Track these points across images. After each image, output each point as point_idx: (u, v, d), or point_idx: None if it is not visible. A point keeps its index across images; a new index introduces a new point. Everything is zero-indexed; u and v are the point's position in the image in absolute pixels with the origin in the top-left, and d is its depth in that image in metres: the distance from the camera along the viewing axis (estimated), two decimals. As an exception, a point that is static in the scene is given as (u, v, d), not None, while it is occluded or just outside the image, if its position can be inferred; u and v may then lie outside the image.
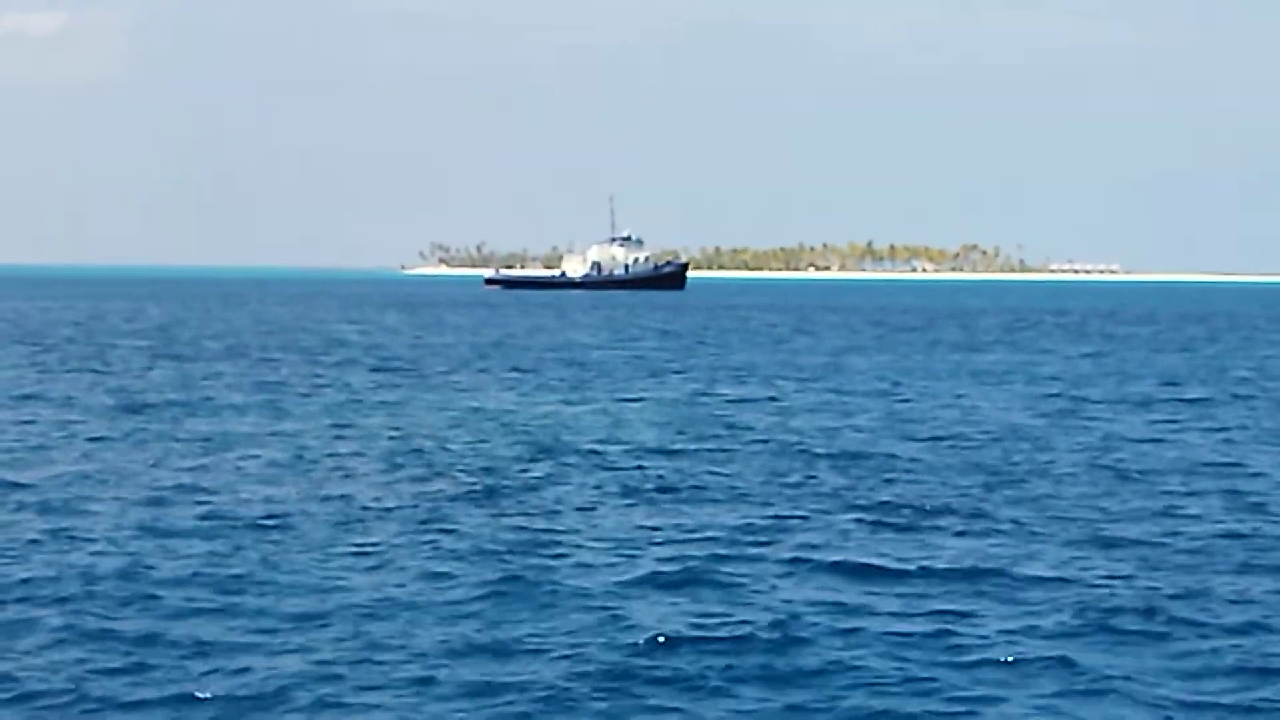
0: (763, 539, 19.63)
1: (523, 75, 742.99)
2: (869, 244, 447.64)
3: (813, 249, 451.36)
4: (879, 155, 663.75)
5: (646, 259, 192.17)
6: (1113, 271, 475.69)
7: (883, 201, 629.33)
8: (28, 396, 37.70)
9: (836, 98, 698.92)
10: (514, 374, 47.43)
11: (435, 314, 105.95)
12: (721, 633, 14.92)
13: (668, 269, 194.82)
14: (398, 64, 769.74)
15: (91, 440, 28.96)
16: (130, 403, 36.25)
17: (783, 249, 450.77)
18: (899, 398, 40.75)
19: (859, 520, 20.99)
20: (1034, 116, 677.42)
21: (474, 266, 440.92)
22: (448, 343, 66.63)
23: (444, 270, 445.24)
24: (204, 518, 20.60)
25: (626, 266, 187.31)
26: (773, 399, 39.78)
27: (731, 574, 17.48)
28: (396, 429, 31.28)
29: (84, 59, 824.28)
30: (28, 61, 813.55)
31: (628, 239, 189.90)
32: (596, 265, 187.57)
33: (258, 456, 26.84)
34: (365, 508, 21.58)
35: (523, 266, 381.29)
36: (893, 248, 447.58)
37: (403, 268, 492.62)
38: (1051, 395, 42.07)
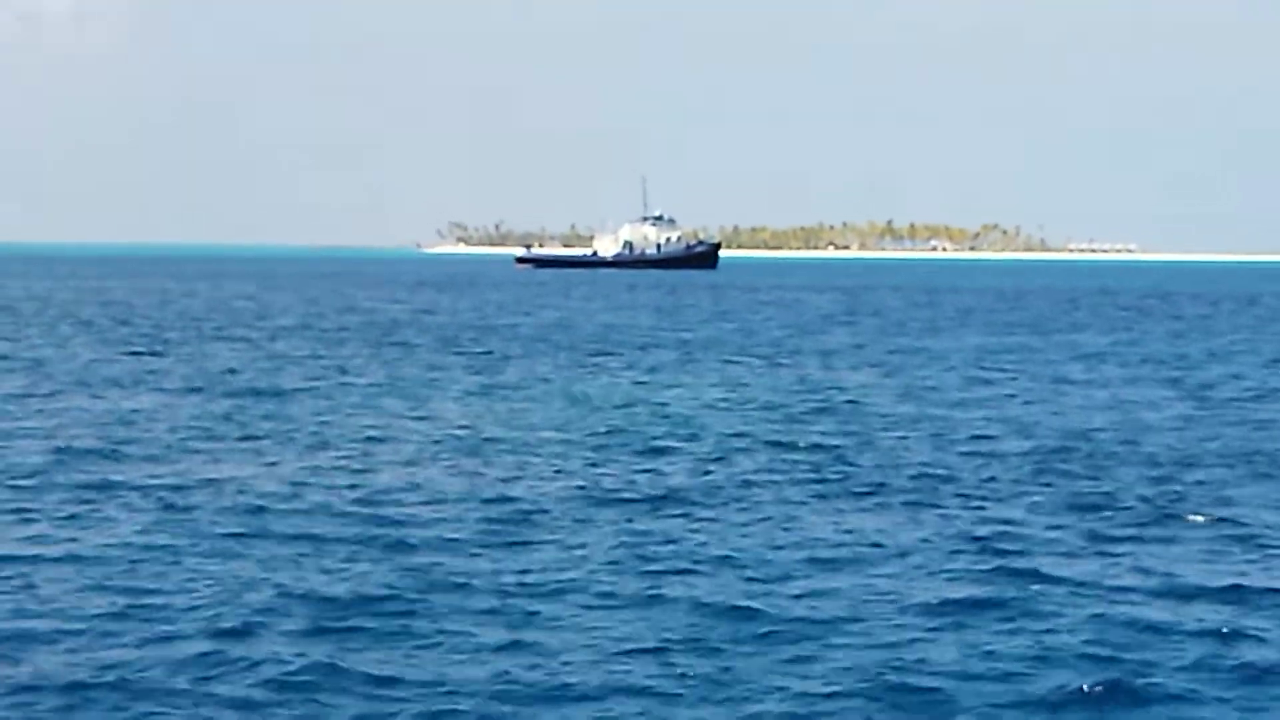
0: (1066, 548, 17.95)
1: (540, 51, 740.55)
2: (889, 223, 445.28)
3: (832, 228, 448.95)
4: (899, 134, 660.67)
5: (678, 238, 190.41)
6: (1130, 251, 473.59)
7: (902, 180, 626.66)
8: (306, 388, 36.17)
9: (856, 74, 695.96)
10: (628, 355, 45.98)
11: (494, 294, 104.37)
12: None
13: (700, 248, 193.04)
14: (414, 36, 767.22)
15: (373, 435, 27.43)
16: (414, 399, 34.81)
17: (802, 228, 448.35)
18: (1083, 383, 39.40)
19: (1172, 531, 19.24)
20: (1053, 96, 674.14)
21: (492, 245, 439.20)
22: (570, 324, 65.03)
23: (462, 249, 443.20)
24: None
25: (658, 246, 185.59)
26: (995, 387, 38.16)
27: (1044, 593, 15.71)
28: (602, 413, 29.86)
29: (95, 33, 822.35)
30: (43, 38, 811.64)
31: (659, 218, 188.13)
32: (628, 244, 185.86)
33: (497, 444, 25.32)
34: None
35: (541, 245, 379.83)
36: (912, 226, 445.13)
37: (419, 246, 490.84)
38: (1178, 379, 40.49)
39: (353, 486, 21.45)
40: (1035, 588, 15.80)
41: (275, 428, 27.76)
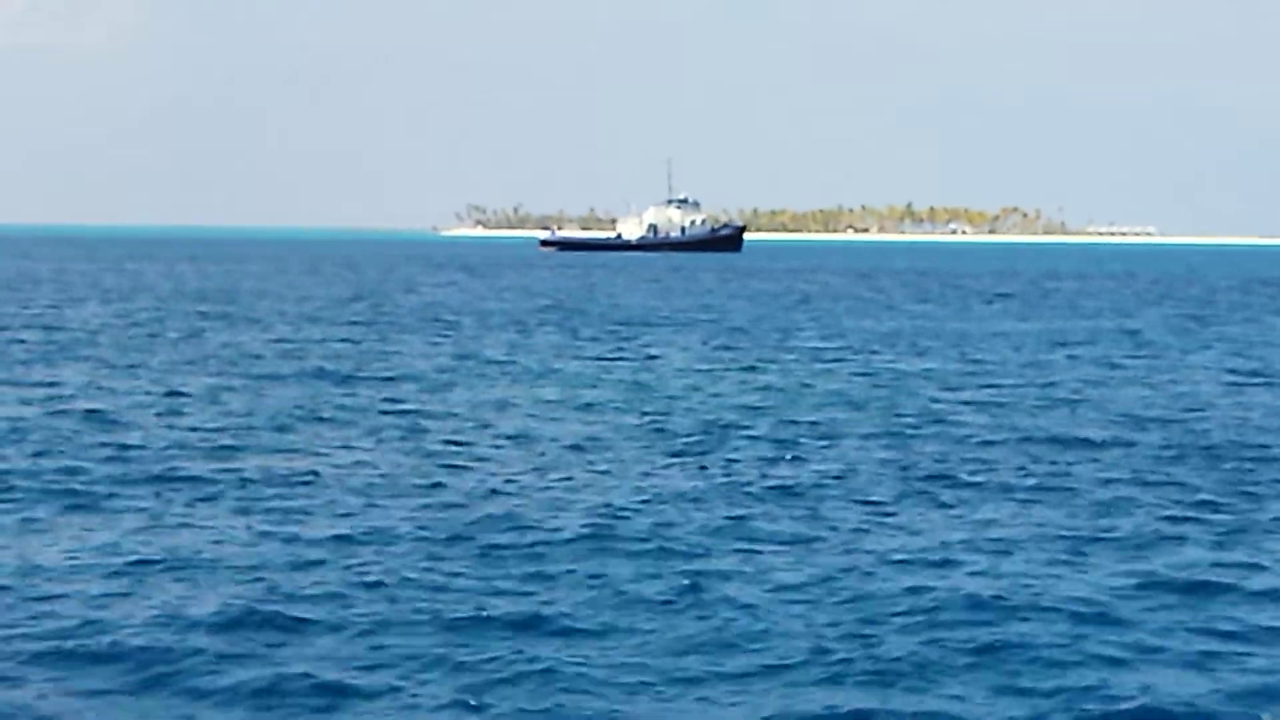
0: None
1: (560, 36, 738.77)
2: (908, 205, 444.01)
3: (851, 210, 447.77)
4: (917, 116, 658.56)
5: (703, 221, 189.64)
6: (1149, 234, 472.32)
7: (921, 163, 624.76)
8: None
9: (874, 58, 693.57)
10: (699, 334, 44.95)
11: (530, 276, 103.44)
12: None
13: (724, 231, 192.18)
14: (433, 15, 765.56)
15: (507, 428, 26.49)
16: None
17: (821, 210, 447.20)
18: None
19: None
20: (1070, 79, 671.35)
21: (511, 228, 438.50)
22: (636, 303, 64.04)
23: (480, 232, 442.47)
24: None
25: (683, 229, 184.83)
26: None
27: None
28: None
29: (107, 16, 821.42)
30: (45, 30, 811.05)
31: (684, 201, 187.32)
32: (653, 227, 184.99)
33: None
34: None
35: (560, 228, 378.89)
36: (932, 209, 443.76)
37: (435, 228, 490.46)
38: None
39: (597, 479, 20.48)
40: None
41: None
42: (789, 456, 23.16)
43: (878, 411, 28.92)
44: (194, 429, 25.16)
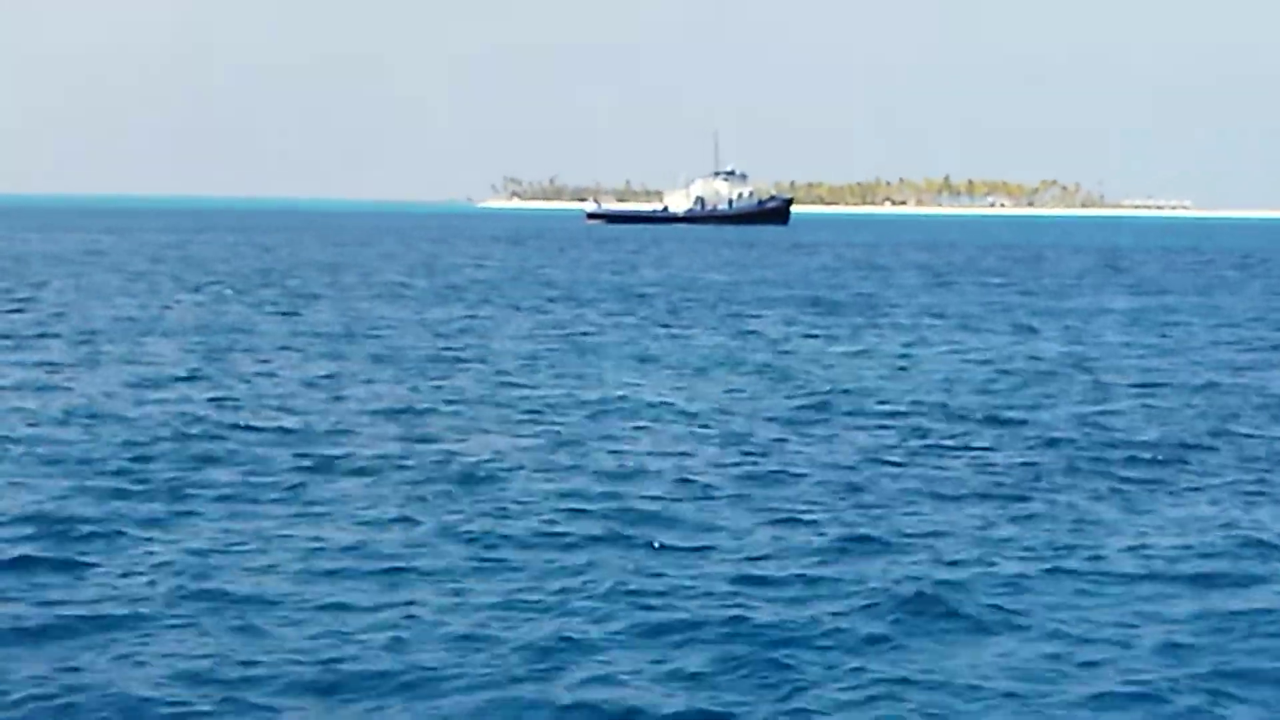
0: None
1: (593, 7, 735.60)
2: (946, 179, 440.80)
3: (889, 184, 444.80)
4: (955, 89, 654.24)
5: (750, 194, 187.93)
6: (1185, 208, 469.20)
7: (959, 136, 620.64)
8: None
9: (913, 30, 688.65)
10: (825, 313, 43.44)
11: (589, 251, 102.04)
12: None
13: (772, 204, 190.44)
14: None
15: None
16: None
17: (859, 184, 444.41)
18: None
19: None
20: (1109, 49, 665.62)
21: (546, 199, 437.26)
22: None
23: (516, 204, 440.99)
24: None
25: (730, 201, 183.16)
26: None
27: None
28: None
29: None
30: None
31: (731, 173, 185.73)
32: (700, 200, 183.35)
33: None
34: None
35: (597, 200, 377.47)
36: (970, 182, 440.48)
37: (470, 200, 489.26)
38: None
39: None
40: None
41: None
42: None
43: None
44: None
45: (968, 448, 21.39)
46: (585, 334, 38.11)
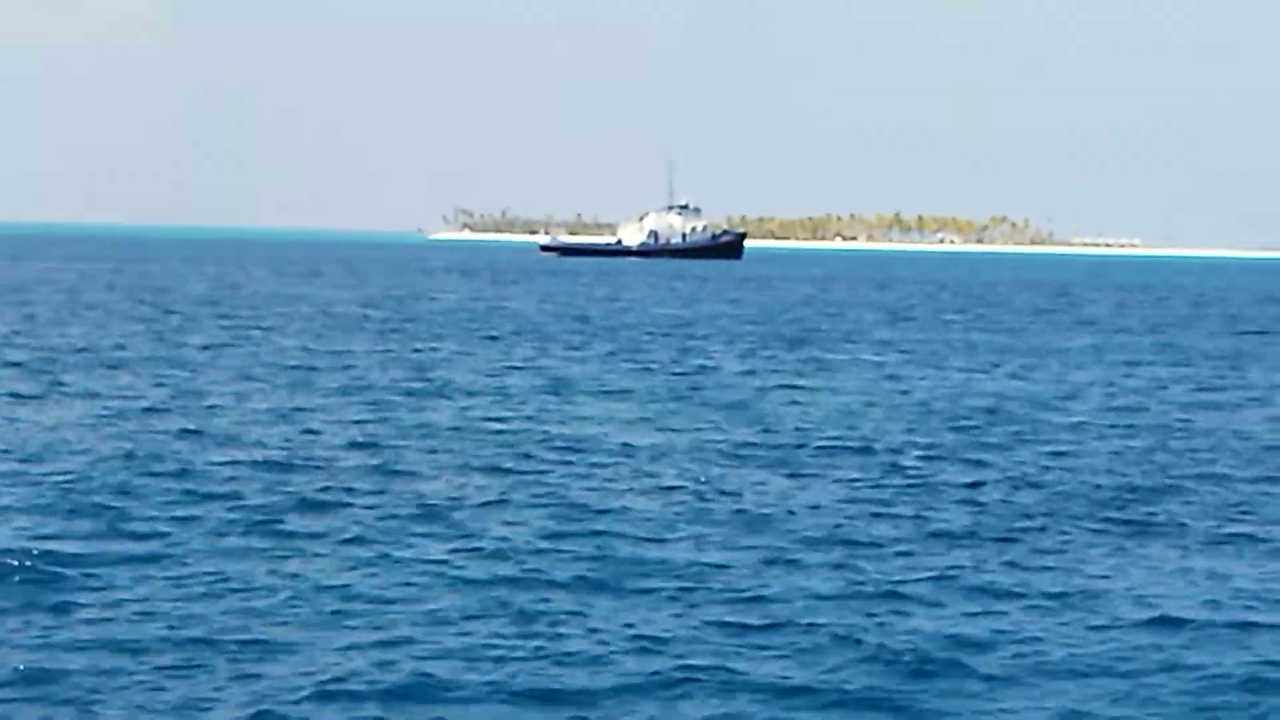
0: None
1: (545, 39, 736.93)
2: (896, 214, 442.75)
3: (839, 219, 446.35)
4: (905, 124, 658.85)
5: (704, 228, 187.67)
6: (1134, 245, 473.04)
7: (909, 171, 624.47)
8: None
9: (862, 64, 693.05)
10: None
11: (563, 283, 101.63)
12: None
13: (725, 238, 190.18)
14: (418, 20, 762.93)
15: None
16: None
17: (810, 218, 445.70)
18: None
19: None
20: (1057, 87, 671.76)
21: (498, 232, 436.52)
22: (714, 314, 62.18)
23: (468, 235, 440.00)
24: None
25: (684, 235, 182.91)
26: None
27: None
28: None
29: (103, 14, 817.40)
30: (50, 21, 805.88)
31: (685, 207, 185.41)
32: (654, 233, 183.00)
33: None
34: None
35: (547, 232, 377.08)
36: (920, 218, 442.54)
37: (420, 231, 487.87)
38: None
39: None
40: None
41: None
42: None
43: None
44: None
45: (947, 485, 21.21)
46: (546, 368, 37.77)
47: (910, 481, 21.62)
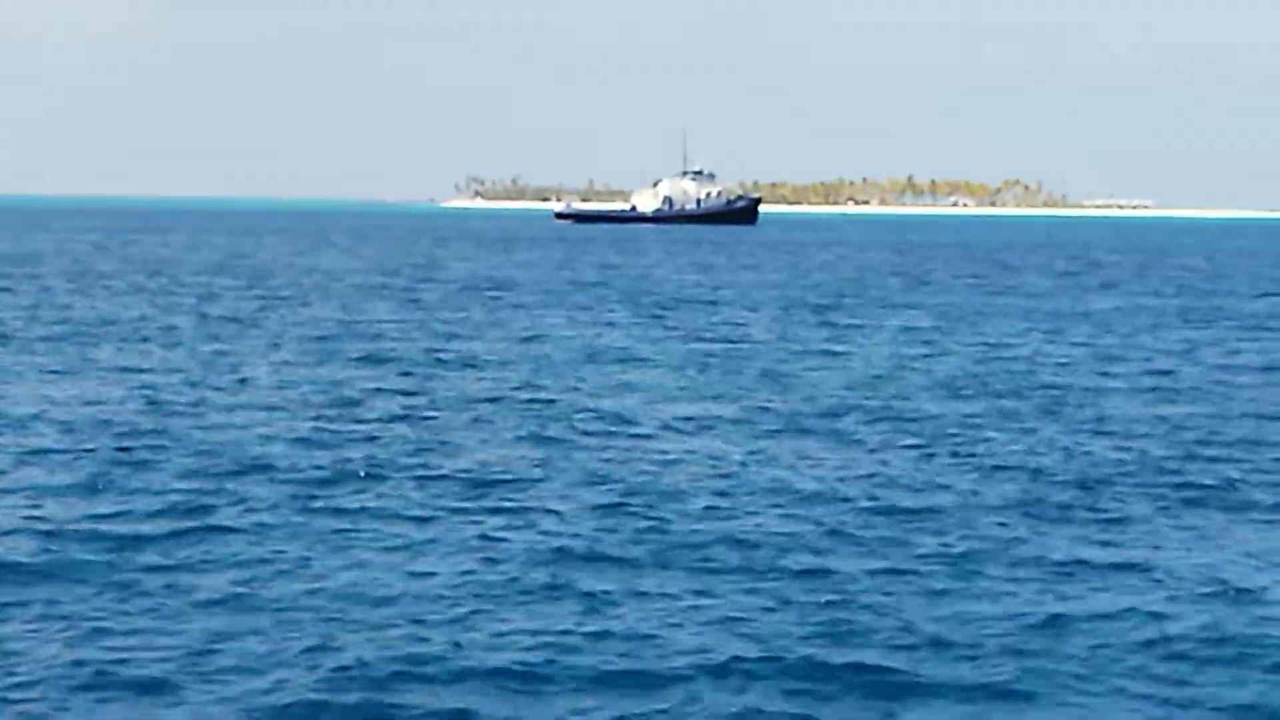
0: None
1: (554, 11, 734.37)
2: (909, 178, 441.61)
3: (852, 183, 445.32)
4: (916, 88, 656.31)
5: (718, 193, 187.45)
6: (1146, 207, 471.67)
7: (921, 135, 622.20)
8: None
9: (873, 28, 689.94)
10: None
11: (590, 250, 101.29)
12: None
13: (740, 204, 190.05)
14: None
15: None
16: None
17: (822, 183, 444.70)
18: None
19: None
20: (1069, 48, 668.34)
21: (510, 199, 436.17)
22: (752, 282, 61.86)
23: (480, 204, 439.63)
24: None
25: (698, 201, 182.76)
26: None
27: None
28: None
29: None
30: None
31: (699, 173, 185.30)
32: (668, 199, 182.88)
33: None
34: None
35: (559, 199, 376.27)
36: (933, 182, 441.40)
37: (433, 200, 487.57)
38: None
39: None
40: None
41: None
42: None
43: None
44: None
45: (996, 454, 20.90)
46: (567, 337, 37.49)
47: (959, 450, 21.31)
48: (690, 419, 23.95)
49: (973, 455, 20.99)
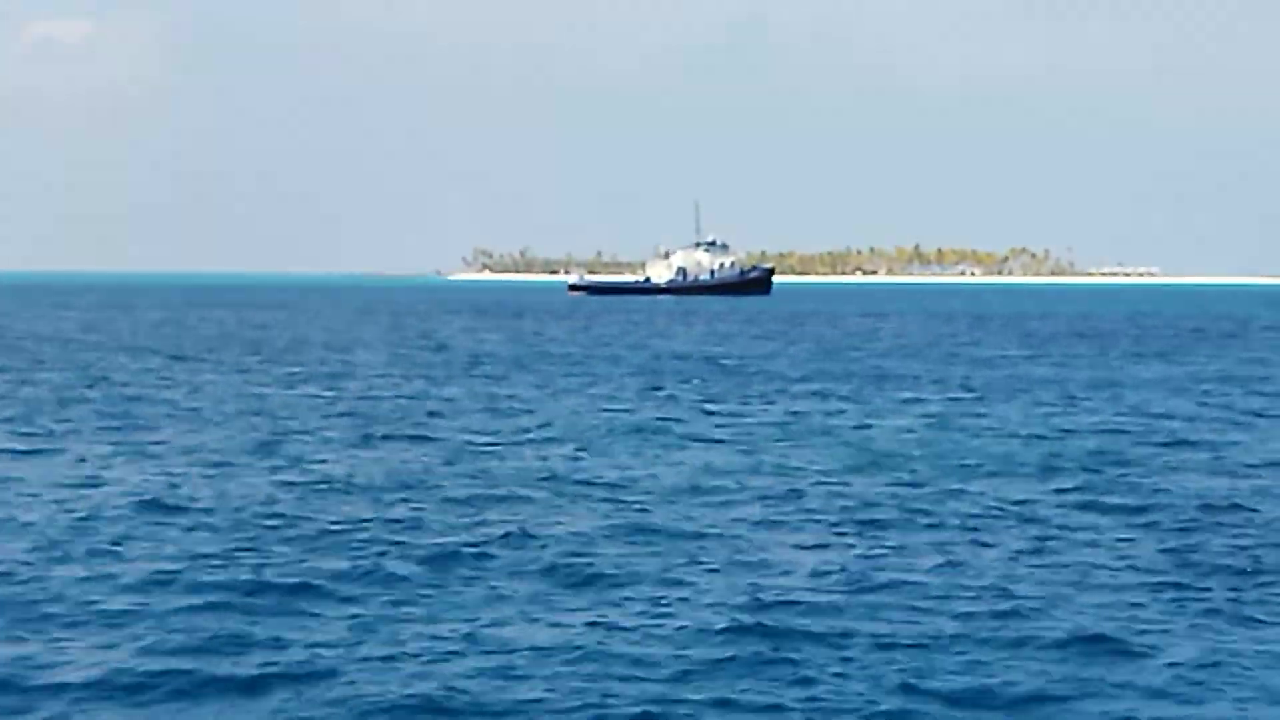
0: None
1: (561, 80, 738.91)
2: (916, 247, 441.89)
3: (859, 252, 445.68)
4: (923, 159, 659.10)
5: (732, 264, 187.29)
6: (1152, 274, 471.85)
7: (927, 204, 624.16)
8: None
9: (876, 99, 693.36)
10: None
11: (602, 323, 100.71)
12: None
13: (754, 274, 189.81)
14: (435, 66, 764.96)
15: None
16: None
17: (829, 253, 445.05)
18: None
19: None
20: (1068, 121, 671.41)
21: (517, 272, 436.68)
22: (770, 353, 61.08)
23: (487, 276, 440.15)
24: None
25: (712, 272, 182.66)
26: None
27: None
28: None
29: (112, 66, 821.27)
30: (58, 70, 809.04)
31: (712, 244, 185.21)
32: (682, 271, 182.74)
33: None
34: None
35: (568, 272, 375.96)
36: (940, 251, 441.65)
37: (438, 272, 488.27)
38: None
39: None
40: None
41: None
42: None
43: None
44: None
45: (1120, 537, 20.06)
46: (625, 411, 36.65)
47: (1076, 538, 20.41)
48: (785, 495, 23.10)
49: (1093, 542, 20.10)
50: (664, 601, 15.98)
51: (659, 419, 34.72)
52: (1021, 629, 14.96)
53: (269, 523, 20.31)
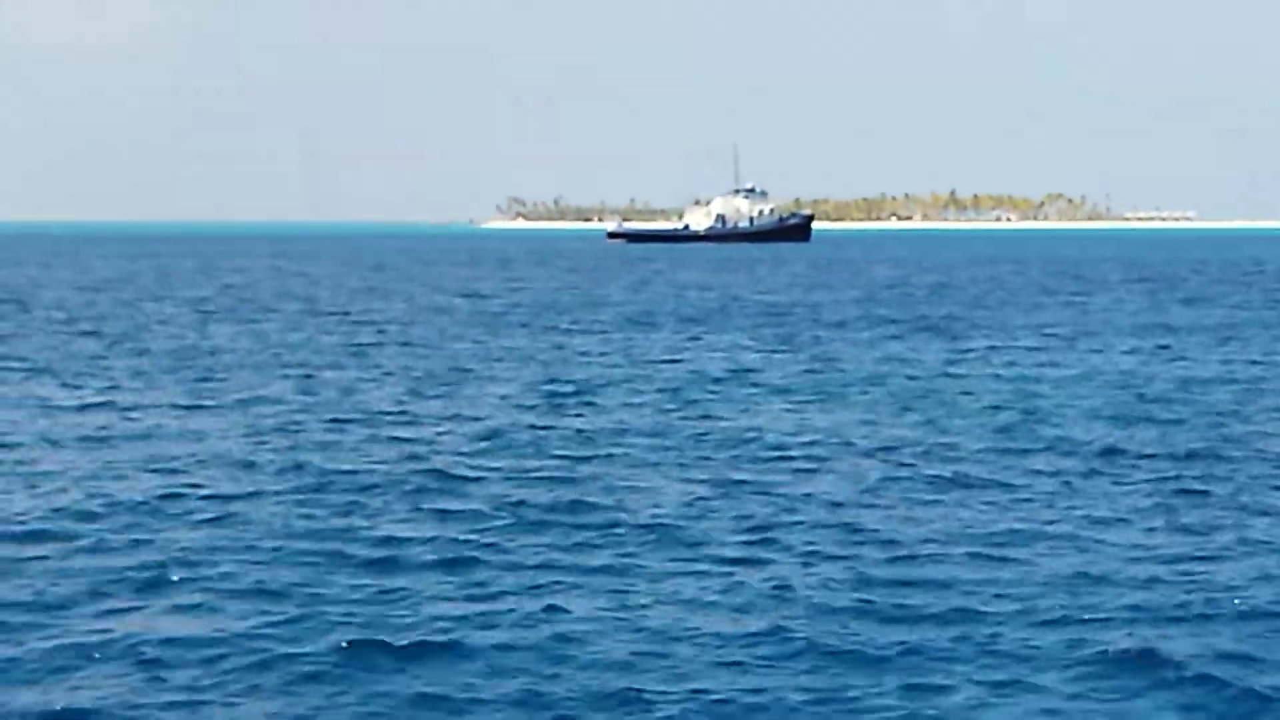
0: None
1: (594, 27, 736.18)
2: (952, 193, 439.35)
3: (894, 199, 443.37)
4: (959, 102, 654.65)
5: (771, 211, 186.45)
6: (1189, 219, 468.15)
7: (964, 149, 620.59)
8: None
9: (916, 43, 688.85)
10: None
11: (663, 271, 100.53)
12: None
13: (793, 221, 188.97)
14: (468, 9, 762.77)
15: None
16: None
17: (864, 199, 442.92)
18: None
19: None
20: (1108, 62, 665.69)
21: (551, 220, 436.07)
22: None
23: (521, 224, 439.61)
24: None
25: (751, 219, 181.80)
26: None
27: None
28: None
29: (123, 19, 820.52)
30: (69, 23, 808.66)
31: (751, 190, 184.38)
32: (721, 218, 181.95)
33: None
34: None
35: (601, 219, 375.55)
36: (976, 197, 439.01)
37: (472, 221, 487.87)
38: None
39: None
40: None
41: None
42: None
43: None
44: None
45: (1201, 482, 19.75)
46: (701, 359, 36.41)
47: (1165, 484, 20.11)
48: (858, 445, 22.84)
49: (1183, 489, 19.81)
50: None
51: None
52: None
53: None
